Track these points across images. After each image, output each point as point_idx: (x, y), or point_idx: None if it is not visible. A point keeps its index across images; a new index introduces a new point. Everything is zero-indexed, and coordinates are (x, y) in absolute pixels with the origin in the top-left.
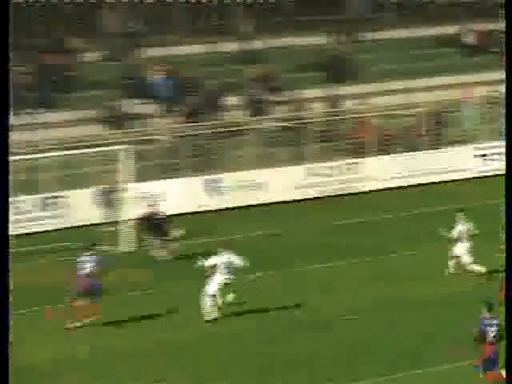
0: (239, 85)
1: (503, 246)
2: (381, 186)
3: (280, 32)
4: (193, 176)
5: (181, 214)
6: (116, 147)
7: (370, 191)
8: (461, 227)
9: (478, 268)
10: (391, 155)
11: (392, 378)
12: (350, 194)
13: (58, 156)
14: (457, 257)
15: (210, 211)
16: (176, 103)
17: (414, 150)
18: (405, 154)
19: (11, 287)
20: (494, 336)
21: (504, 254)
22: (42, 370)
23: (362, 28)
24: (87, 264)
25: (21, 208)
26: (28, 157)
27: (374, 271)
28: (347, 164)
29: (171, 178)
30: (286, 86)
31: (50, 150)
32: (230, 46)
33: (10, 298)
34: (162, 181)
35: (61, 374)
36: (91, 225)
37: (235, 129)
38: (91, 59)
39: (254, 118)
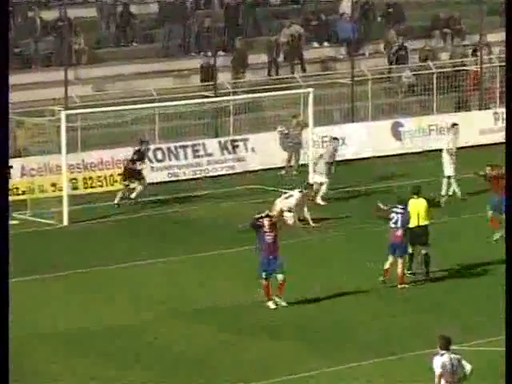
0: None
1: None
2: None
3: None
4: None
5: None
6: (301, 91)
7: None
8: None
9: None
10: None
11: None
12: None
13: (243, 99)
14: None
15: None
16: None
17: None
18: None
19: None
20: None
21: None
22: None
23: None
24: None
25: (201, 151)
26: (216, 99)
27: None
28: None
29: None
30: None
31: (235, 93)
32: None
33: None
34: (342, 125)
35: None
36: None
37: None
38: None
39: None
